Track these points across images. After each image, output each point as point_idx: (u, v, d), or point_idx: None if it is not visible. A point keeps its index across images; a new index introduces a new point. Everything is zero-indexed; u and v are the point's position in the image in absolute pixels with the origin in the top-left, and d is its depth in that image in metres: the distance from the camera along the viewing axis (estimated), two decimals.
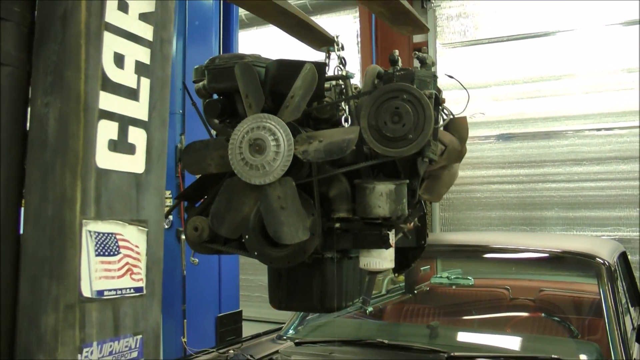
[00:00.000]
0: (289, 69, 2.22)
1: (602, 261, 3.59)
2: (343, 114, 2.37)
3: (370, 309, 4.48)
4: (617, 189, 7.26)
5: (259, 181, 2.10)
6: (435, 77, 2.34)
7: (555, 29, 7.74)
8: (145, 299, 1.39)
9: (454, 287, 4.23)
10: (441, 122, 2.61)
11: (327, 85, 2.38)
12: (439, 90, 2.41)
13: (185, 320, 5.94)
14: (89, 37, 1.30)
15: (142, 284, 1.39)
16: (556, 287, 4.35)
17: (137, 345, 1.38)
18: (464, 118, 2.77)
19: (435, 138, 2.28)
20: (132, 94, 1.39)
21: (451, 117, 2.74)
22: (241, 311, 6.01)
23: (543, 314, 3.99)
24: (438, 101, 2.35)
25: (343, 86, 2.41)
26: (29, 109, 1.34)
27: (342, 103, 2.37)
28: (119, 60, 1.36)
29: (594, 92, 7.46)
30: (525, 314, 4.12)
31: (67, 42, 1.29)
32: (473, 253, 4.20)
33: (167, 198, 6.43)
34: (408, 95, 2.12)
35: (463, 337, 3.72)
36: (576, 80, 7.57)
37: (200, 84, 2.42)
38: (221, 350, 3.73)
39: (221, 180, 2.27)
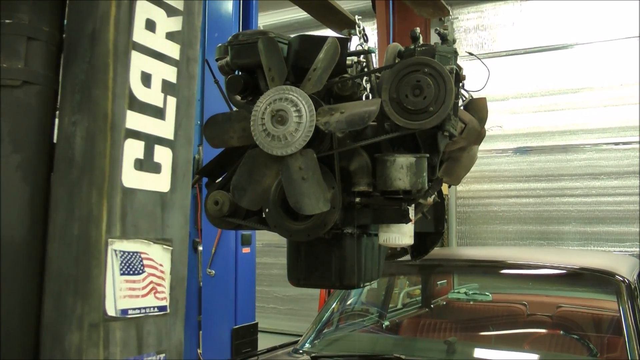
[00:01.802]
0: (312, 43, 2.26)
1: (621, 279, 3.55)
2: (364, 93, 2.38)
3: (386, 323, 4.47)
4: (636, 204, 7.18)
5: (281, 152, 2.12)
6: (456, 53, 2.36)
7: (573, 41, 7.71)
8: (168, 317, 1.38)
9: (471, 302, 4.20)
10: (461, 101, 2.63)
11: (348, 62, 2.39)
12: (460, 67, 2.42)
13: (200, 332, 5.93)
14: (116, 56, 1.30)
15: (165, 302, 1.39)
16: (574, 304, 4.30)
17: None
18: (484, 99, 2.77)
19: (456, 114, 2.30)
20: (158, 112, 1.39)
21: (471, 97, 2.75)
22: (257, 323, 5.99)
23: (561, 332, 3.94)
24: (459, 77, 2.36)
25: (365, 64, 2.43)
26: (56, 127, 1.34)
27: (363, 81, 2.38)
28: (146, 79, 1.36)
29: (612, 105, 7.41)
30: (543, 331, 4.08)
31: (95, 60, 1.30)
32: (490, 269, 4.16)
33: None
34: (429, 69, 2.14)
35: (480, 353, 3.67)
36: (594, 93, 7.52)
37: (223, 60, 2.45)
38: None
39: (242, 155, 2.29)
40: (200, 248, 5.97)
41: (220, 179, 2.55)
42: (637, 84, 7.25)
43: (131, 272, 1.30)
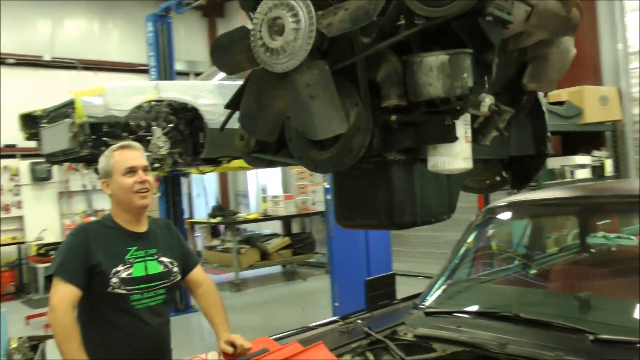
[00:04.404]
0: None
1: None
2: None
3: (534, 270, 3.92)
4: None
5: (283, 67, 1.80)
6: None
7: None
8: None
9: (613, 248, 3.50)
10: None
11: None
12: None
13: (335, 285, 5.71)
14: None
15: None
16: None
17: None
18: None
19: None
20: None
21: None
22: (393, 274, 5.58)
23: None
24: None
25: None
26: None
27: None
28: None
29: None
30: None
31: None
32: None
33: None
34: None
35: (621, 314, 2.92)
36: None
37: None
38: (349, 320, 3.42)
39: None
40: (329, 197, 5.72)
41: None
42: None
43: None
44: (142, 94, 6.42)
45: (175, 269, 3.07)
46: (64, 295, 2.74)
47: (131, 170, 2.94)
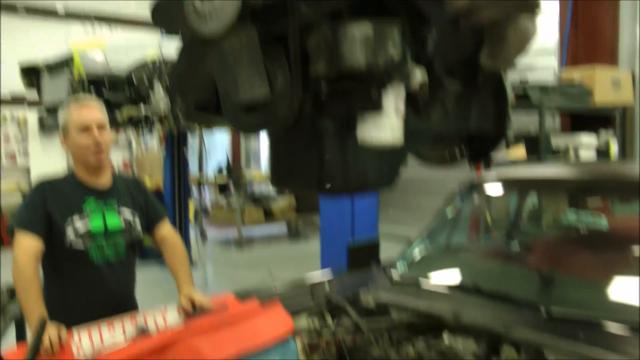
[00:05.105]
0: None
1: None
2: None
3: (507, 245, 3.93)
4: None
5: (210, 31, 1.77)
6: None
7: None
8: None
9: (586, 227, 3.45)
10: None
11: None
12: None
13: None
14: None
15: None
16: None
17: None
18: None
19: None
20: None
21: None
22: (377, 244, 5.56)
23: None
24: None
25: None
26: None
27: None
28: None
29: None
30: None
31: None
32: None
33: None
34: None
35: (579, 293, 2.93)
36: None
37: None
38: (315, 282, 3.41)
39: None
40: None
41: None
42: None
43: None
44: (143, 50, 6.38)
45: (137, 221, 3.07)
46: (26, 247, 2.74)
47: (86, 128, 2.91)
